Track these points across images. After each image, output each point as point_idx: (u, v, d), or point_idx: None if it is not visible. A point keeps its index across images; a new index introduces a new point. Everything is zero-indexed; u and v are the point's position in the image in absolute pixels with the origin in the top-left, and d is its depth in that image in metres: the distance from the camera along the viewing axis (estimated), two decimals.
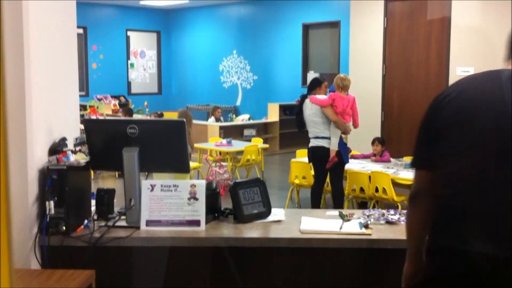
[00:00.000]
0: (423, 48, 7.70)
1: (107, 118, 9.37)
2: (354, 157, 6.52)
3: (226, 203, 2.81)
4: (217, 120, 11.06)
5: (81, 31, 13.30)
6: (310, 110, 5.76)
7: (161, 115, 10.60)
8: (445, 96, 1.75)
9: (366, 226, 2.58)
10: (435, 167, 1.77)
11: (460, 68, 7.17)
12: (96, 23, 13.88)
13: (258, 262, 2.59)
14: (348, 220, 2.65)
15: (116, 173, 8.29)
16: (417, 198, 1.85)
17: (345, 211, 2.78)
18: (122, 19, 14.46)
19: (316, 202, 5.89)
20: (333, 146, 5.62)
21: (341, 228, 2.56)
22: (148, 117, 10.88)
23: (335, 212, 2.80)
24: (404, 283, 1.93)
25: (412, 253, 1.90)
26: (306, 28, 12.40)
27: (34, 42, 2.39)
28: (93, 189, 2.69)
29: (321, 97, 5.74)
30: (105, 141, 2.60)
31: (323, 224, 2.62)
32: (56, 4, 2.66)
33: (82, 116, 6.94)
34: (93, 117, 9.31)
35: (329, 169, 5.70)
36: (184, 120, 2.58)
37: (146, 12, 14.81)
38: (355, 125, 5.88)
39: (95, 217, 2.59)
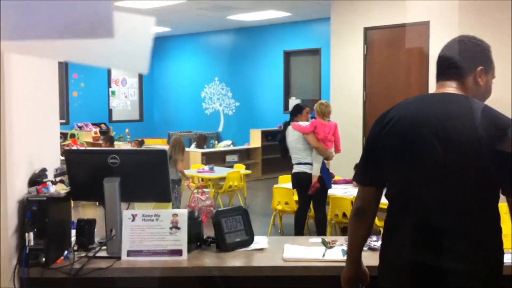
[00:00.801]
0: (403, 74, 7.82)
1: (88, 148, 9.32)
2: (336, 182, 6.55)
3: (208, 230, 2.79)
4: (200, 147, 11.06)
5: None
6: (292, 137, 5.80)
7: (142, 142, 10.56)
8: (387, 122, 1.92)
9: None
10: (378, 185, 1.98)
11: None
12: None
13: None
14: (331, 247, 2.65)
15: (97, 202, 8.19)
16: (363, 211, 2.03)
17: (328, 238, 2.78)
18: None
19: (299, 228, 5.89)
20: (315, 172, 5.65)
21: (324, 255, 2.56)
22: (129, 145, 10.84)
23: (318, 239, 2.80)
24: (344, 285, 2.16)
25: (352, 260, 2.12)
26: (288, 55, 12.54)
27: (15, 71, 2.38)
28: (73, 218, 2.66)
29: (303, 123, 5.79)
30: (86, 171, 2.59)
31: (306, 251, 2.62)
32: None
33: (62, 146, 6.90)
34: (74, 147, 9.25)
35: (312, 195, 5.72)
36: (166, 148, 2.58)
37: None
38: (337, 151, 5.93)
39: (76, 247, 2.55)
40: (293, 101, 12.42)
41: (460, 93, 1.89)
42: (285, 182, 6.77)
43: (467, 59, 1.92)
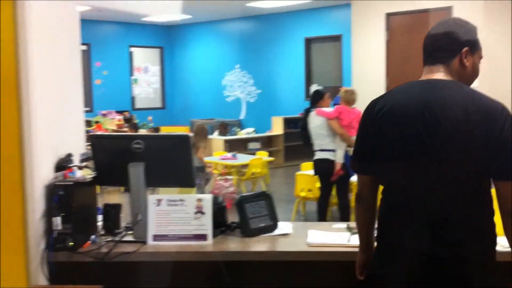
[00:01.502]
0: None
1: (113, 133, 9.40)
2: None
3: (231, 217, 2.80)
4: (222, 135, 11.09)
5: (84, 47, 13.37)
6: (315, 123, 5.76)
7: (157, 129, 10.61)
8: (378, 110, 1.91)
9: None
10: (373, 173, 1.98)
11: None
12: (100, 40, 13.97)
13: (265, 276, 2.58)
14: (356, 233, 2.63)
15: (121, 187, 8.28)
16: (362, 198, 2.06)
17: (352, 224, 2.77)
18: (125, 36, 14.56)
19: (322, 215, 5.88)
20: (339, 159, 5.62)
21: (348, 241, 2.55)
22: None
23: (343, 225, 2.79)
24: (357, 270, 2.17)
25: (363, 244, 2.14)
26: (309, 42, 12.46)
27: (39, 59, 2.40)
28: (99, 204, 2.69)
29: (327, 109, 5.74)
30: (111, 156, 2.61)
31: (330, 237, 2.61)
32: (60, 21, 2.68)
33: (87, 132, 6.97)
34: (99, 133, 9.34)
35: (335, 182, 5.69)
36: (189, 134, 2.59)
37: (149, 29, 14.91)
38: None
39: (102, 232, 2.59)
40: (314, 88, 12.36)
41: (448, 77, 1.88)
42: (307, 169, 6.75)
43: (452, 41, 1.90)
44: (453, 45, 1.89)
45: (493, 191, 1.85)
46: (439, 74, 1.90)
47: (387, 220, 1.95)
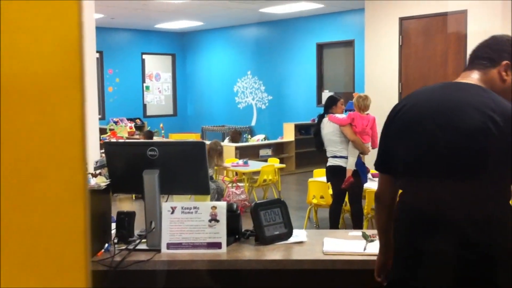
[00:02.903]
0: (439, 65, 7.67)
1: (127, 140, 9.43)
2: (374, 176, 6.45)
3: (244, 224, 2.78)
4: (235, 142, 11.08)
5: (97, 55, 13.45)
6: (328, 129, 5.72)
7: (148, 133, 10.65)
8: (400, 108, 1.92)
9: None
10: (394, 172, 1.95)
11: None
12: (112, 47, 14.05)
13: (280, 284, 2.55)
14: (372, 241, 2.60)
15: (133, 195, 8.29)
16: (381, 196, 2.05)
17: (368, 232, 2.73)
18: (137, 43, 14.63)
19: (334, 222, 5.83)
20: (350, 166, 5.57)
21: (365, 249, 2.52)
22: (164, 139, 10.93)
23: (358, 233, 2.75)
24: (376, 272, 2.15)
25: (382, 245, 2.10)
26: (320, 47, 12.43)
27: None
28: (112, 212, 2.68)
29: (340, 116, 5.71)
30: (125, 163, 2.60)
31: (346, 245, 2.57)
32: None
33: (101, 139, 6.99)
34: (113, 140, 9.37)
35: (347, 189, 5.64)
36: (205, 142, 2.57)
37: (161, 36, 14.97)
38: (374, 146, 5.78)
39: (116, 240, 2.57)
40: (326, 94, 12.31)
41: (479, 84, 1.86)
42: (320, 176, 6.71)
43: (494, 51, 1.89)
44: (494, 55, 1.88)
45: None
46: (470, 79, 1.88)
47: (406, 223, 1.92)
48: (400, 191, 2.00)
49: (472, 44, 7.40)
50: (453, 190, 1.79)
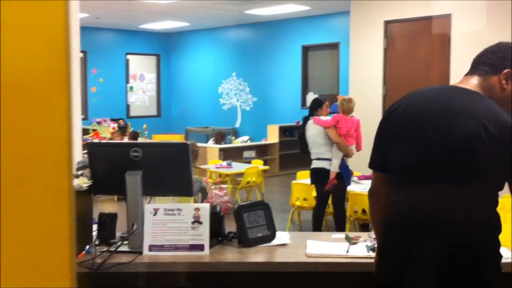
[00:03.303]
0: (424, 68, 7.72)
1: (110, 141, 9.36)
2: (359, 178, 6.47)
3: (227, 227, 2.76)
4: (218, 144, 11.05)
5: (81, 55, 13.35)
6: (312, 131, 5.73)
7: (134, 134, 10.61)
8: (395, 108, 1.92)
9: (373, 249, 2.52)
10: (386, 170, 1.96)
11: None
12: (96, 47, 13.94)
13: (263, 286, 2.53)
14: (355, 243, 2.60)
15: (115, 196, 8.22)
16: (374, 194, 2.05)
17: (351, 234, 2.73)
18: (121, 43, 14.54)
19: (317, 225, 5.84)
20: (334, 168, 5.58)
21: (347, 251, 2.52)
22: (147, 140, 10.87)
23: (341, 235, 2.75)
24: (375, 269, 2.08)
25: (379, 242, 2.07)
26: (306, 49, 12.46)
27: None
28: (94, 213, 2.65)
29: (324, 118, 5.72)
30: (108, 164, 2.57)
31: (329, 247, 2.57)
32: None
33: (84, 140, 6.92)
34: (96, 140, 9.29)
35: (331, 191, 5.65)
36: (188, 143, 2.55)
37: (145, 36, 14.89)
38: (358, 149, 5.80)
39: (97, 242, 2.54)
40: (311, 96, 12.34)
41: (478, 90, 1.85)
42: (303, 178, 6.72)
43: (497, 58, 1.88)
44: (497, 62, 1.87)
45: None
46: (470, 84, 1.88)
47: (392, 223, 1.93)
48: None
49: (456, 47, 7.49)
50: (448, 193, 1.80)
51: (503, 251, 1.90)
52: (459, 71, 7.78)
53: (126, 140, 10.13)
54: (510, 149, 1.72)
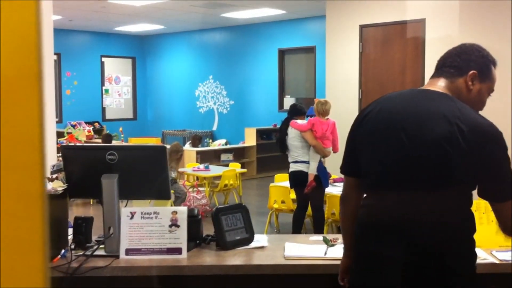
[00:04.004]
0: (398, 72, 7.80)
1: (85, 144, 9.25)
2: (335, 180, 6.50)
3: (205, 230, 2.75)
4: (195, 147, 11.01)
5: (55, 57, 13.17)
6: (290, 135, 5.76)
7: (107, 137, 10.56)
8: (366, 114, 1.93)
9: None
10: (358, 175, 1.98)
11: None
12: (70, 50, 13.78)
13: None
14: (333, 245, 2.61)
15: (91, 200, 8.13)
16: (346, 199, 2.07)
17: (329, 236, 2.74)
18: (96, 46, 14.39)
19: (297, 227, 5.85)
20: (312, 170, 5.61)
21: (325, 253, 2.52)
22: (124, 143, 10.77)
23: (319, 237, 2.76)
24: (340, 275, 2.16)
25: (347, 248, 2.11)
26: (282, 53, 12.50)
27: None
28: (69, 217, 2.61)
29: (301, 122, 5.75)
30: (83, 168, 2.53)
31: (307, 250, 2.58)
32: None
33: (58, 143, 6.83)
34: (71, 143, 9.17)
35: (309, 194, 5.67)
36: (165, 146, 2.53)
37: (121, 39, 14.78)
38: (335, 150, 5.85)
39: (73, 246, 2.50)
40: (287, 99, 12.38)
41: (446, 92, 1.87)
42: (281, 181, 6.72)
43: (462, 60, 1.89)
44: (462, 64, 1.89)
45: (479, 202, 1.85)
46: (438, 87, 1.89)
47: (365, 226, 1.93)
48: (364, 195, 2.01)
49: (430, 51, 7.60)
50: (421, 198, 1.79)
51: (479, 252, 1.92)
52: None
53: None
54: (482, 148, 1.72)
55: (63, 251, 2.45)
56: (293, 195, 6.10)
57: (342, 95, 8.28)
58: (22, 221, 0.71)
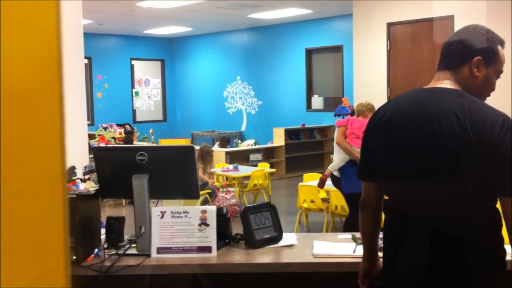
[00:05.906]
0: (427, 69, 7.72)
1: (116, 145, 9.40)
2: None
3: (234, 230, 2.78)
4: (224, 147, 11.09)
5: (86, 61, 13.41)
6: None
7: (127, 138, 10.68)
8: (380, 117, 1.89)
9: (380, 249, 2.54)
10: (375, 180, 1.97)
11: None
12: (101, 53, 14.02)
13: (270, 287, 2.55)
14: (361, 243, 2.61)
15: (123, 200, 8.26)
16: (366, 204, 2.05)
17: (357, 234, 2.74)
18: (126, 49, 14.61)
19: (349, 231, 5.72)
20: (332, 167, 5.56)
21: (354, 251, 2.53)
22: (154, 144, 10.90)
23: (348, 236, 2.77)
24: (359, 279, 2.15)
25: (366, 251, 2.12)
26: (309, 53, 12.48)
27: None
28: (101, 217, 2.67)
29: (341, 119, 5.72)
30: (114, 168, 2.59)
31: (335, 248, 2.58)
32: (65, 36, 2.68)
33: (90, 144, 6.97)
34: (102, 145, 9.34)
35: (345, 196, 5.55)
36: (193, 146, 2.57)
37: (150, 41, 14.96)
38: None
39: (105, 245, 2.56)
40: (315, 99, 12.36)
41: (454, 86, 1.81)
42: (310, 180, 6.73)
43: (464, 48, 1.82)
44: (464, 52, 1.82)
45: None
46: (445, 82, 1.85)
47: (389, 230, 1.94)
48: (386, 198, 2.01)
49: None
50: (436, 199, 1.78)
51: (508, 248, 1.90)
52: None
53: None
54: (493, 142, 1.66)
55: (96, 250, 2.51)
56: (322, 195, 6.08)
57: (370, 94, 8.23)
58: (44, 199, 0.72)
